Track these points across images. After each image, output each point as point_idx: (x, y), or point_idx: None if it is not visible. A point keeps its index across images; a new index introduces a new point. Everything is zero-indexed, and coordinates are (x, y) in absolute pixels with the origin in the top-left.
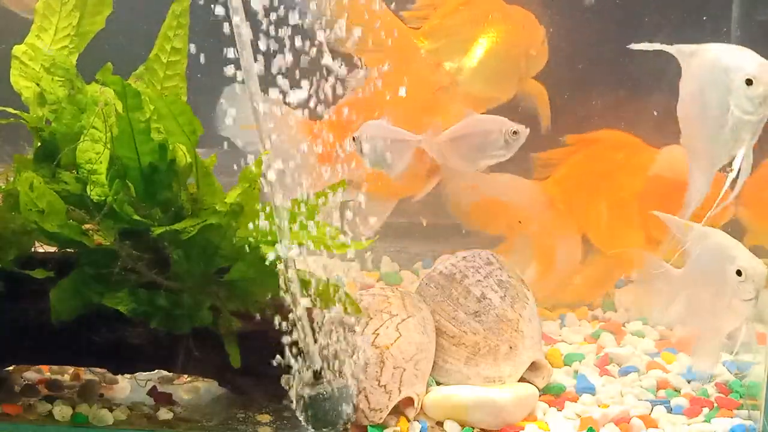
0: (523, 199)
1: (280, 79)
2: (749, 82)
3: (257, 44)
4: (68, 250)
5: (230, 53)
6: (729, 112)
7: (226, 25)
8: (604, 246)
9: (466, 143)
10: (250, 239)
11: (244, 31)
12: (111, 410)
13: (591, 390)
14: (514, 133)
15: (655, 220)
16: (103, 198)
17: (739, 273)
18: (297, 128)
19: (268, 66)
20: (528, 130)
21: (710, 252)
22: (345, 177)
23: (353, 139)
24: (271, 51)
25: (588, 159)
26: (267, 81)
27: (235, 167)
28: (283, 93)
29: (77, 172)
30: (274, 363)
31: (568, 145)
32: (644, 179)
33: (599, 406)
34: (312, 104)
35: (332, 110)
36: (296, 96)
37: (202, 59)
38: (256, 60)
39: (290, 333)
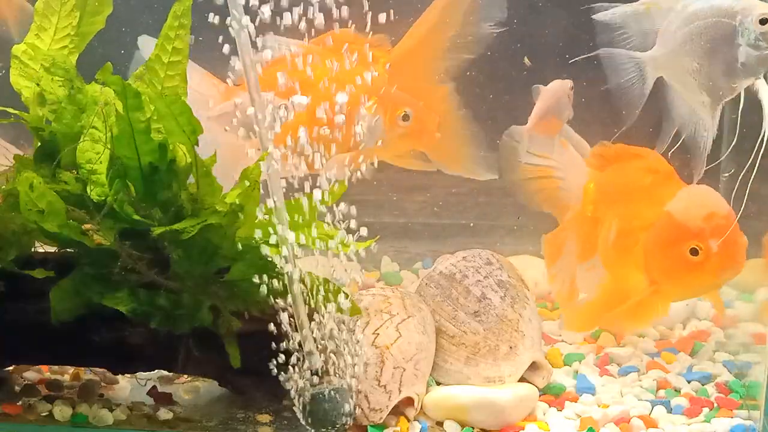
0: (575, 180)
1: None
2: (764, 21)
3: None
4: (68, 250)
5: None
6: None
7: None
8: (608, 269)
9: (550, 116)
10: (251, 239)
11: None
12: (111, 410)
13: (591, 390)
14: (571, 88)
15: (653, 261)
16: (103, 198)
17: (763, 21)
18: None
19: None
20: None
21: (695, 17)
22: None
23: None
24: None
25: (621, 173)
26: None
27: None
28: None
29: (77, 172)
30: (274, 363)
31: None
32: (656, 214)
33: (599, 406)
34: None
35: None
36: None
37: None
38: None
39: (290, 333)
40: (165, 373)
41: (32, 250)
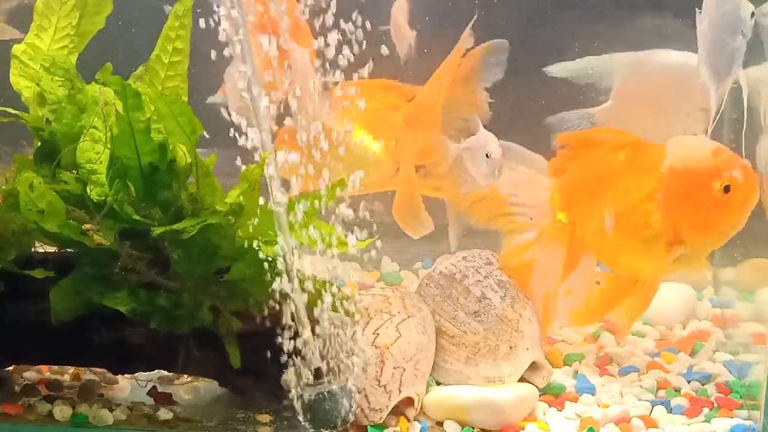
0: (527, 197)
1: None
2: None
3: None
4: (68, 250)
5: None
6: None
7: None
8: (612, 263)
9: None
10: (250, 239)
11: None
12: (111, 410)
13: (591, 390)
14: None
15: (681, 220)
16: (103, 198)
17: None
18: None
19: None
20: None
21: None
22: None
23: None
24: None
25: (586, 165)
26: None
27: None
28: None
29: (77, 172)
30: (274, 363)
31: (563, 147)
32: (658, 177)
33: (599, 406)
34: None
35: None
36: None
37: None
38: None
39: (290, 333)
40: (165, 373)
41: (32, 250)
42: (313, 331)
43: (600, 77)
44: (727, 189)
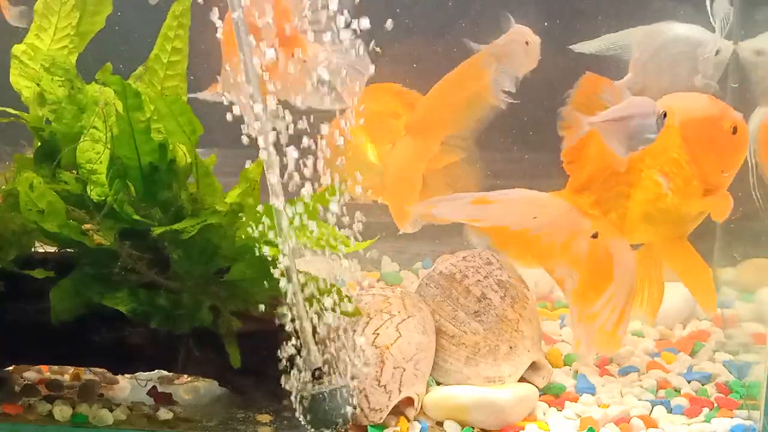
0: (552, 218)
1: None
2: None
3: None
4: (68, 250)
5: None
6: None
7: None
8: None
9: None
10: (250, 239)
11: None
12: (111, 410)
13: (591, 390)
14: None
15: (706, 165)
16: (103, 198)
17: None
18: None
19: None
20: None
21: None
22: None
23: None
24: None
25: (598, 154)
26: None
27: None
28: None
29: (77, 172)
30: (275, 363)
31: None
32: (676, 132)
33: (599, 406)
34: None
35: None
36: None
37: None
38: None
39: (290, 333)
40: (165, 373)
41: (32, 250)
42: (313, 330)
43: (621, 51)
44: (734, 130)
